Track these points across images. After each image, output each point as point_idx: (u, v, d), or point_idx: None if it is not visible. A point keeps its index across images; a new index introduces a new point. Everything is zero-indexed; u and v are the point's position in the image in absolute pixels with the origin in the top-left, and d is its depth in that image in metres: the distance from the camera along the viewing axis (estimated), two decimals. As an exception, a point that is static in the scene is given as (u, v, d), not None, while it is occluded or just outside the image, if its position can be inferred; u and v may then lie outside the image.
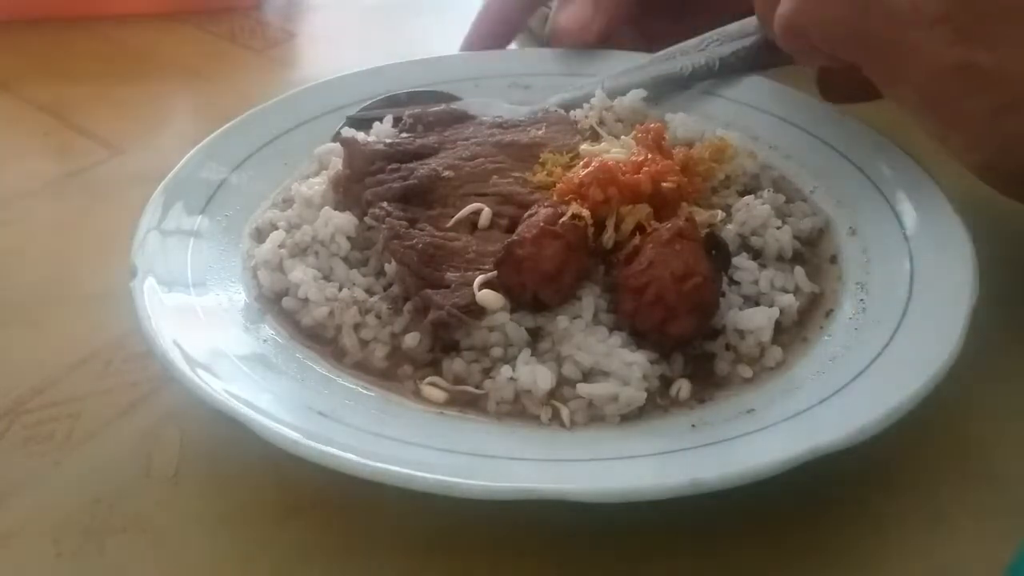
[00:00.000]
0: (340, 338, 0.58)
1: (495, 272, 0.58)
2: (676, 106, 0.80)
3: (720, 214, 0.65)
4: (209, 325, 0.57)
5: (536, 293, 0.57)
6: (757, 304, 0.59)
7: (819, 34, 0.62)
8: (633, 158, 0.63)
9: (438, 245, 0.61)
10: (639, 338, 0.56)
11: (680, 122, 0.75)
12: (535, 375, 0.54)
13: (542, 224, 0.57)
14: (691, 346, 0.57)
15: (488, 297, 0.57)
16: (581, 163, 0.64)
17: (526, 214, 0.60)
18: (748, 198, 0.67)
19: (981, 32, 0.55)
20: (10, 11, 1.06)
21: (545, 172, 0.67)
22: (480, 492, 0.45)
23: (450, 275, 0.59)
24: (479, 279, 0.58)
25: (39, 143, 0.87)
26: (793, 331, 0.59)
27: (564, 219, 0.58)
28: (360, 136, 0.72)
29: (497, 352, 0.56)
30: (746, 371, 0.56)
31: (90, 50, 1.03)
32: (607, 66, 0.84)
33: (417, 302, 0.58)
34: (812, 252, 0.66)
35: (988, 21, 0.55)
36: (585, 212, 0.59)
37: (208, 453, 0.54)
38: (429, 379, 0.56)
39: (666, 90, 0.81)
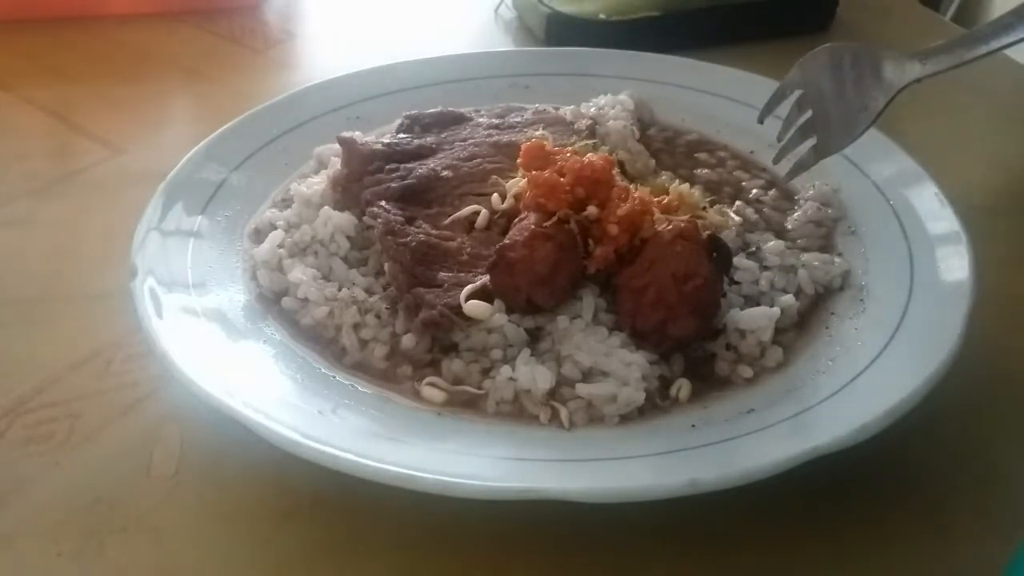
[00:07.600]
0: (340, 338, 0.58)
1: (484, 281, 0.58)
2: (677, 107, 0.80)
3: (731, 221, 0.65)
4: (209, 325, 0.57)
5: (530, 296, 0.57)
6: (758, 304, 0.59)
7: None
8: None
9: (432, 244, 0.61)
10: (639, 339, 0.56)
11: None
12: (534, 375, 0.54)
13: (533, 227, 0.57)
14: (691, 346, 0.57)
15: (476, 308, 0.56)
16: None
17: (516, 219, 0.60)
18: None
19: None
20: (10, 11, 1.06)
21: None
22: (480, 492, 0.45)
23: (443, 275, 0.59)
24: (466, 290, 0.57)
25: (39, 143, 0.87)
26: (793, 331, 0.59)
27: (551, 222, 0.57)
28: (358, 135, 0.72)
29: (497, 354, 0.56)
30: (746, 371, 0.56)
31: (90, 50, 1.03)
32: (607, 66, 0.84)
33: (408, 300, 0.58)
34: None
35: None
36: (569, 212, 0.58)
37: (208, 453, 0.54)
38: (428, 379, 0.56)
39: None
